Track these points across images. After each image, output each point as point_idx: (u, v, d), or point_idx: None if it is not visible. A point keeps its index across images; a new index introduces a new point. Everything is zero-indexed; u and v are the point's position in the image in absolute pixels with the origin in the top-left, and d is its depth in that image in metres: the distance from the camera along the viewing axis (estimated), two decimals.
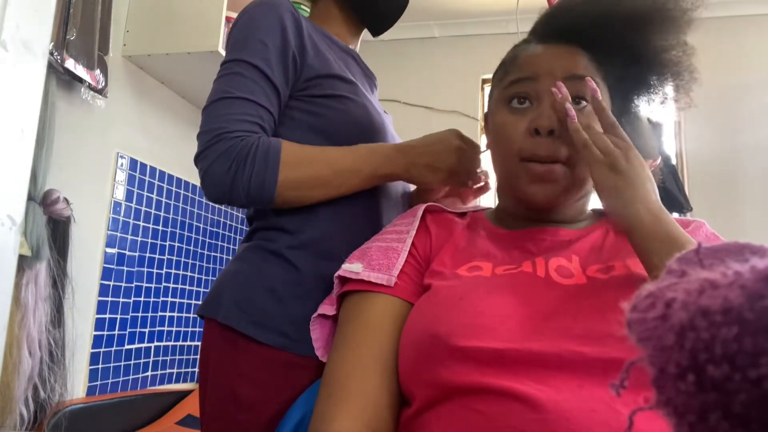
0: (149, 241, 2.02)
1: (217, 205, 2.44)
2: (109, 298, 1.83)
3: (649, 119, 0.73)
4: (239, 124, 0.74)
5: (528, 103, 0.64)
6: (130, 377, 1.93)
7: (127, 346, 1.91)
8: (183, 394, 2.01)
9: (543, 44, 0.67)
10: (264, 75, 0.77)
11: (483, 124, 0.79)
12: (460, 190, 0.91)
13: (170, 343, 2.15)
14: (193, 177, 2.27)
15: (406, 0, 0.98)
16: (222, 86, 0.77)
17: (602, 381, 0.46)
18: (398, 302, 0.62)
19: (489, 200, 2.38)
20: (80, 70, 1.62)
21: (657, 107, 0.71)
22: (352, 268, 0.64)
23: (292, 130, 0.81)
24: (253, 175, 0.72)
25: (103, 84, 1.73)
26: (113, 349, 1.85)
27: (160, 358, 2.10)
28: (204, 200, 2.35)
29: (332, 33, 0.93)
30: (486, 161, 0.81)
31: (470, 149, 0.82)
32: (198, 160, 0.75)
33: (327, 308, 0.69)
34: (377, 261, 0.64)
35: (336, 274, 0.66)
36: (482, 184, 0.90)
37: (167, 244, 2.12)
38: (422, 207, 0.73)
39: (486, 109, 0.75)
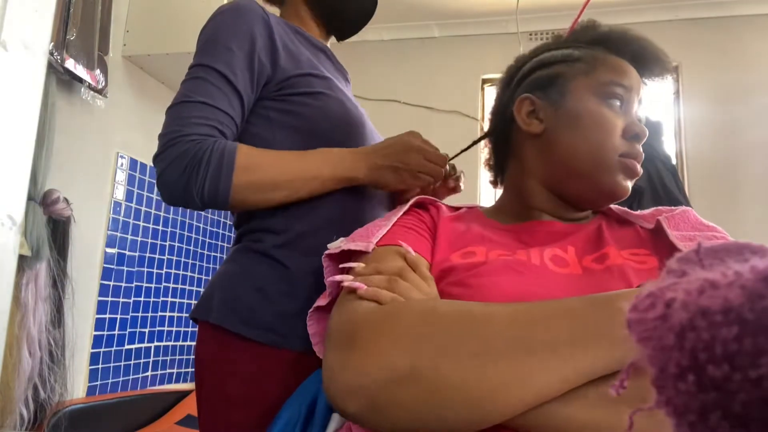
0: (149, 241, 2.03)
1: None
2: (109, 298, 1.83)
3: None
4: (196, 127, 0.75)
5: (619, 105, 0.67)
6: (130, 377, 1.93)
7: (127, 346, 1.91)
8: (183, 394, 2.01)
9: (621, 58, 0.70)
10: (227, 80, 0.77)
11: (518, 109, 0.72)
12: (432, 189, 0.92)
13: (170, 343, 2.15)
14: None
15: (372, 8, 0.99)
16: (184, 90, 0.78)
17: None
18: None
19: (489, 200, 2.38)
20: (80, 70, 1.62)
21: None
22: (334, 244, 0.65)
23: (272, 131, 0.82)
24: (207, 179, 0.72)
25: (103, 84, 1.73)
26: (113, 349, 1.85)
27: (160, 358, 2.10)
28: None
29: (304, 29, 0.93)
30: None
31: (432, 148, 0.82)
32: (155, 162, 0.76)
33: (321, 300, 0.69)
34: (358, 234, 0.66)
35: (323, 257, 0.66)
36: (453, 185, 0.92)
37: (167, 244, 2.12)
38: (413, 200, 0.73)
39: (540, 94, 0.72)
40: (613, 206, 0.71)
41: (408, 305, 0.49)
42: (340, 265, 0.64)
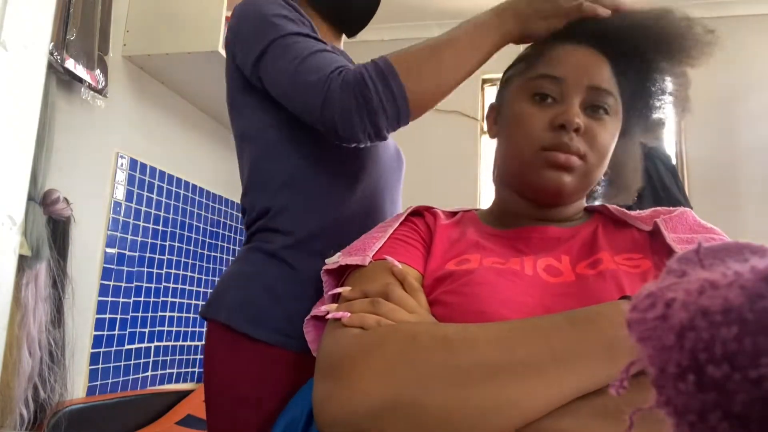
0: (149, 241, 2.02)
1: (216, 206, 2.44)
2: (109, 298, 1.83)
3: (648, 118, 0.74)
4: (335, 64, 0.72)
5: (551, 101, 0.64)
6: (130, 377, 1.93)
7: (127, 346, 1.91)
8: (183, 394, 2.01)
9: (570, 44, 0.66)
10: (308, 36, 0.77)
11: (487, 116, 0.73)
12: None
13: (170, 343, 2.15)
14: (193, 177, 2.27)
15: (375, 2, 0.98)
16: (290, 56, 0.73)
17: None
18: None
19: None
20: (80, 70, 1.62)
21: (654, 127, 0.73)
22: (331, 259, 0.66)
23: (278, 115, 0.81)
24: (381, 93, 0.69)
25: (103, 84, 1.73)
26: (113, 349, 1.85)
27: (160, 358, 2.10)
28: (204, 200, 2.35)
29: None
30: (488, 151, 0.81)
31: None
32: (321, 109, 0.70)
33: (318, 311, 0.69)
34: (355, 248, 0.66)
35: (321, 272, 0.67)
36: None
37: (167, 244, 2.12)
38: (409, 209, 0.73)
39: (496, 101, 0.75)
40: (611, 207, 0.71)
41: (389, 333, 0.49)
42: (328, 293, 0.64)
